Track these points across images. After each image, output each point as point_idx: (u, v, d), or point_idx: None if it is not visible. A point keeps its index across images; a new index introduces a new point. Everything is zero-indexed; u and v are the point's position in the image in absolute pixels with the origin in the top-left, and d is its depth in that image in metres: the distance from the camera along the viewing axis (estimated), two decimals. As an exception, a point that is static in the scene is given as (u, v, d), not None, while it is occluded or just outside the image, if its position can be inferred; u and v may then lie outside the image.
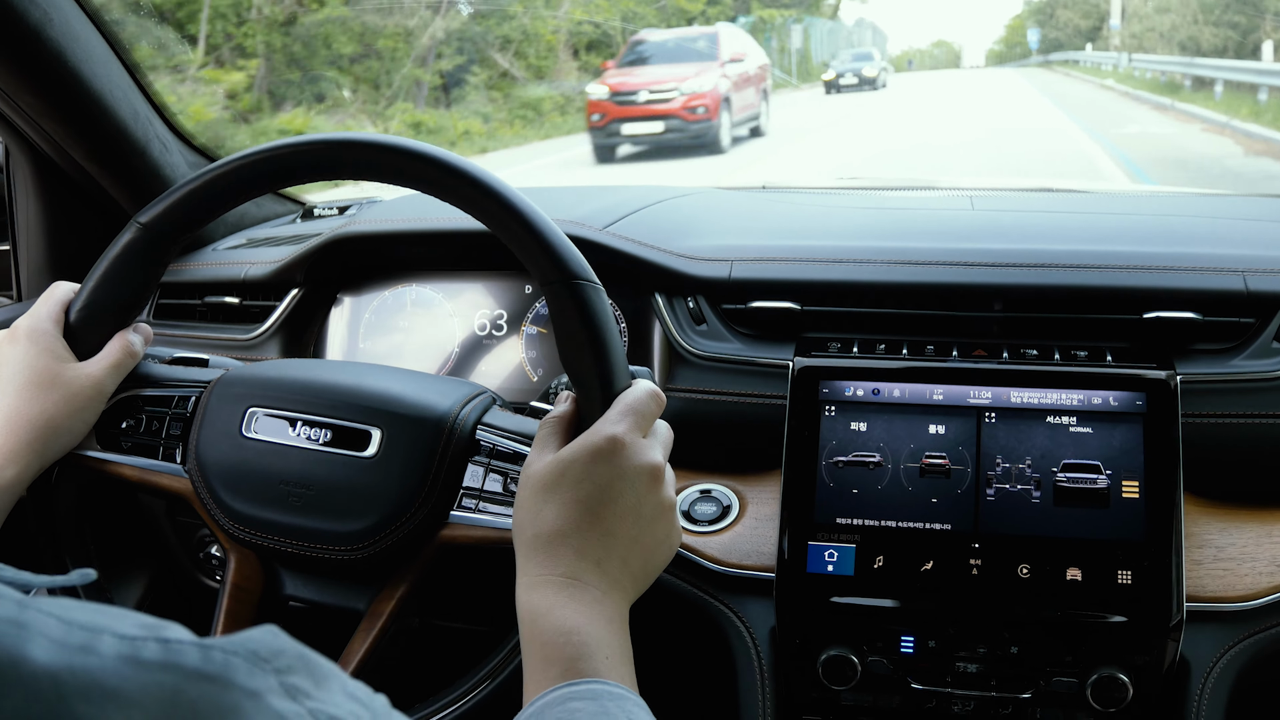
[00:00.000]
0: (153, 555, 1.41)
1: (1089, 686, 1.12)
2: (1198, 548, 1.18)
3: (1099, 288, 1.28)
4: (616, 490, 0.87)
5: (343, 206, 1.83)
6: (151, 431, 1.12)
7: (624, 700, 0.79)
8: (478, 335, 1.53)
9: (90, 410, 1.07)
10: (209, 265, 1.66)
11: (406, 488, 1.04)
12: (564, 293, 0.94)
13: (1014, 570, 1.14)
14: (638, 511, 0.88)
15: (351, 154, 1.00)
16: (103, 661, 0.36)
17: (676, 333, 1.37)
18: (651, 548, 0.91)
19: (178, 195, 1.03)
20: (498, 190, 0.96)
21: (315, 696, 0.42)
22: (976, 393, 1.21)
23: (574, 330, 0.94)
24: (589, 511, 0.87)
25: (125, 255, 1.06)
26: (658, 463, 0.90)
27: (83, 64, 1.46)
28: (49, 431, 1.02)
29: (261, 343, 1.55)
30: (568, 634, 0.82)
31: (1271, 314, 1.25)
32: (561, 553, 0.86)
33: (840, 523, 1.18)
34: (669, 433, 0.95)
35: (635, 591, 0.91)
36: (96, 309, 1.07)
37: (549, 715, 0.77)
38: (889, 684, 1.18)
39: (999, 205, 1.72)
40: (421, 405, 1.07)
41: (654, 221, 1.50)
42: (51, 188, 1.66)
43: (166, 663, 0.38)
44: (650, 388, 0.94)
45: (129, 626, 0.39)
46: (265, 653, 0.41)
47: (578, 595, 0.84)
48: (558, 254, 0.95)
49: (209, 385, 1.12)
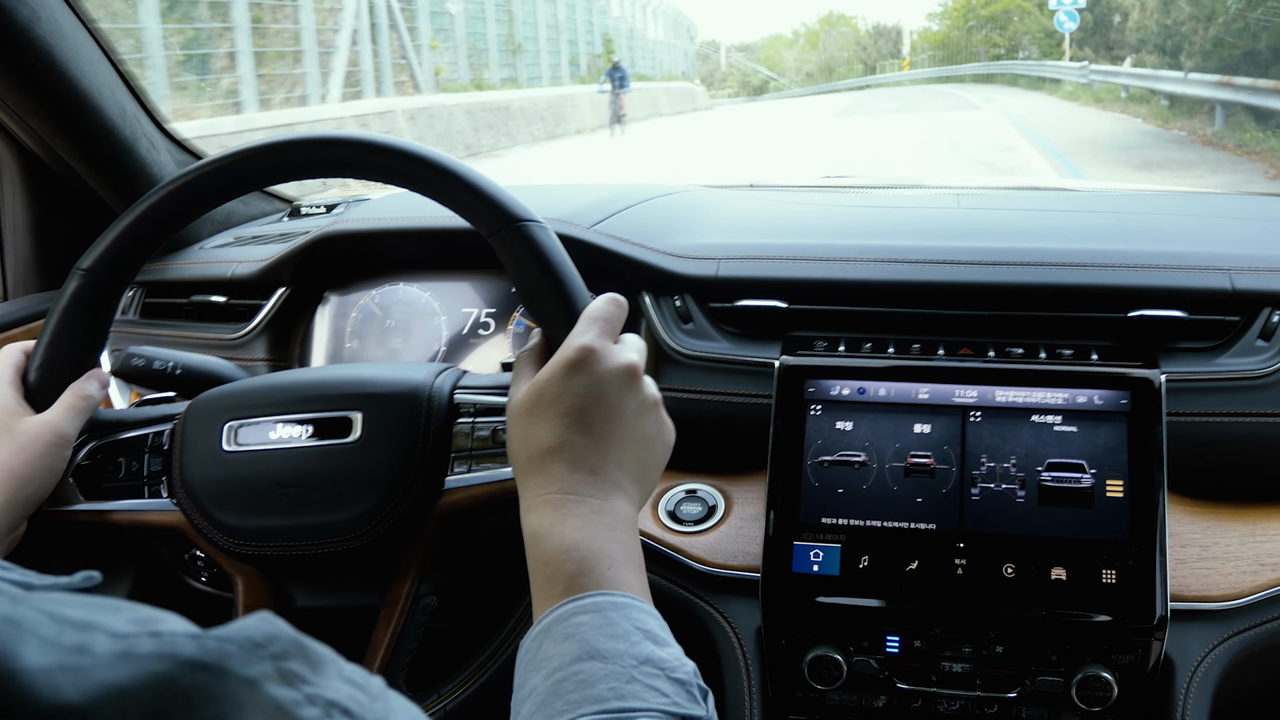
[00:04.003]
0: (136, 556, 1.41)
1: (1074, 686, 1.12)
2: (1182, 547, 1.18)
3: (1084, 286, 1.28)
4: (596, 395, 0.87)
5: (330, 205, 1.83)
6: (132, 473, 1.10)
7: (628, 608, 0.78)
8: (464, 333, 1.53)
9: (52, 456, 1.04)
10: (195, 264, 1.66)
11: (396, 464, 1.04)
12: (510, 237, 0.95)
13: (999, 570, 1.14)
14: (622, 411, 0.88)
15: (277, 157, 1.01)
16: (96, 661, 0.36)
17: (663, 331, 1.37)
18: (644, 445, 0.91)
19: (114, 234, 1.03)
20: (425, 156, 0.97)
21: (312, 682, 0.41)
22: (962, 391, 1.21)
23: (528, 270, 0.95)
24: (574, 422, 0.87)
25: (73, 306, 1.04)
26: (632, 361, 0.90)
27: (71, 62, 1.46)
28: (10, 481, 1.00)
29: (248, 341, 1.55)
30: (567, 551, 0.82)
31: (1257, 312, 1.25)
32: (555, 469, 0.86)
33: (825, 522, 1.18)
34: (639, 340, 0.95)
35: (639, 492, 0.90)
36: (53, 365, 1.06)
37: (555, 632, 0.77)
38: (875, 684, 1.18)
39: (985, 203, 1.72)
40: (396, 382, 1.07)
41: (641, 220, 1.50)
42: (38, 186, 1.65)
43: (161, 654, 0.37)
44: (609, 295, 0.95)
45: (122, 623, 0.38)
46: (260, 639, 0.41)
47: (575, 510, 0.84)
48: (496, 202, 0.96)
49: (181, 414, 1.11)
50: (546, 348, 0.95)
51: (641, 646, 0.76)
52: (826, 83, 79.86)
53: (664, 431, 0.94)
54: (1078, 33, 37.56)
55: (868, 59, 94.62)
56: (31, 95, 1.46)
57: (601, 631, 0.76)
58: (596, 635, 0.76)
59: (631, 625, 0.77)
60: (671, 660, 0.76)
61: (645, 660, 0.75)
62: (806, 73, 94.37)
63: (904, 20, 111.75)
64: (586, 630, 0.76)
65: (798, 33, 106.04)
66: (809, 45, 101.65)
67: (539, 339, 0.96)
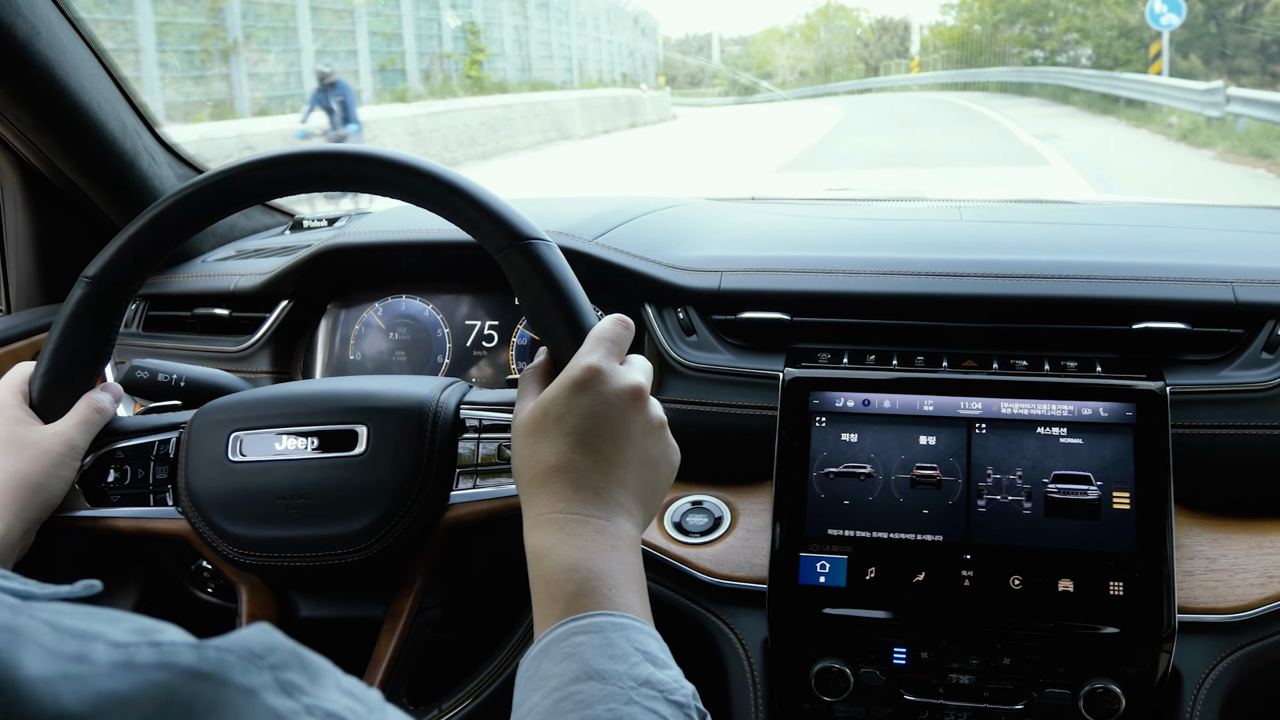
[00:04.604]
0: (143, 567, 1.40)
1: (1081, 698, 1.12)
2: (1189, 559, 1.18)
3: (1088, 298, 1.28)
4: (601, 415, 0.87)
5: (332, 218, 1.83)
6: (138, 480, 1.10)
7: (628, 629, 0.78)
8: (467, 347, 1.53)
9: (65, 466, 1.05)
10: (198, 277, 1.66)
11: (401, 477, 1.03)
12: (516, 255, 0.95)
13: (1006, 581, 1.13)
14: (627, 432, 0.88)
15: (284, 170, 1.01)
16: (96, 669, 0.36)
17: (667, 344, 1.36)
18: (649, 466, 0.90)
19: (120, 242, 1.03)
20: (433, 172, 0.97)
21: (310, 692, 0.42)
22: (967, 403, 1.21)
23: (535, 288, 0.95)
24: (579, 442, 0.86)
25: (78, 313, 1.04)
26: (638, 382, 0.90)
27: (71, 77, 1.46)
28: (24, 489, 1.01)
29: (251, 354, 1.54)
30: (569, 571, 0.81)
31: (1261, 324, 1.26)
32: (559, 488, 0.86)
33: (832, 534, 1.18)
34: (645, 361, 0.95)
35: (643, 513, 0.90)
36: (58, 375, 1.06)
37: (554, 651, 0.77)
38: (882, 695, 1.17)
39: (988, 216, 1.72)
40: (402, 396, 1.07)
41: (644, 232, 1.50)
42: (40, 200, 1.65)
43: (161, 663, 0.38)
44: (616, 316, 0.94)
45: (122, 633, 0.39)
46: (259, 650, 0.41)
47: (578, 530, 0.84)
48: (503, 219, 0.96)
49: (187, 423, 1.11)
50: (552, 366, 0.95)
51: (641, 668, 0.76)
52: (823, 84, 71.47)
53: (669, 453, 0.94)
54: (1179, 31, 23.84)
55: (870, 57, 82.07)
56: (32, 110, 1.46)
57: (601, 652, 0.76)
58: (596, 656, 0.76)
59: (631, 646, 0.77)
60: (670, 682, 0.76)
61: (644, 682, 0.75)
62: (801, 71, 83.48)
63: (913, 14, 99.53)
64: (586, 650, 0.76)
65: (793, 26, 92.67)
66: (804, 40, 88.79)
67: (545, 357, 0.96)
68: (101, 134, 1.55)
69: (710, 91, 68.57)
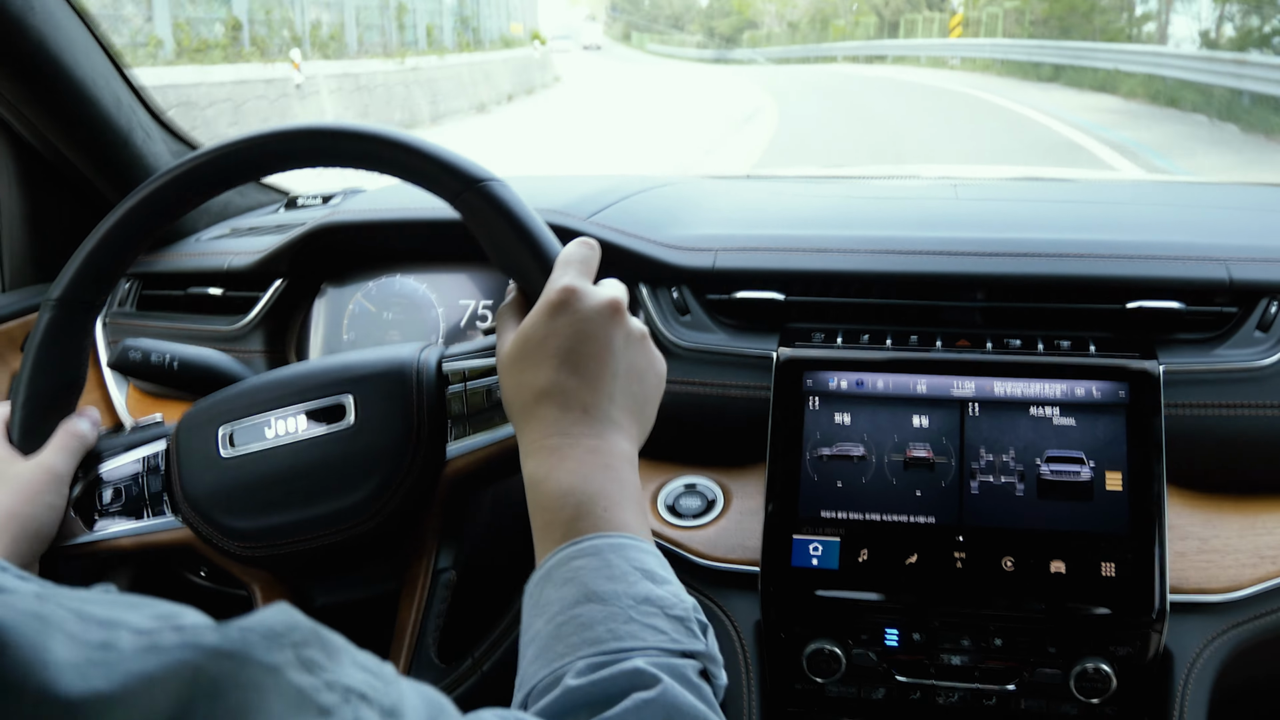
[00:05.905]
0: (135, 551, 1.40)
1: (1073, 678, 1.12)
2: (1181, 539, 1.18)
3: (1082, 277, 1.28)
4: (583, 333, 0.88)
5: (326, 196, 1.83)
6: (133, 497, 1.10)
7: (626, 549, 0.79)
8: (461, 325, 1.52)
9: (51, 494, 1.04)
10: (192, 255, 1.65)
11: (395, 441, 1.04)
12: (473, 198, 0.96)
13: (998, 563, 1.14)
14: (610, 346, 0.89)
15: (236, 157, 1.01)
16: (122, 655, 0.37)
17: (660, 324, 1.36)
18: (636, 378, 0.91)
19: (80, 260, 1.02)
20: (376, 133, 0.98)
21: (329, 669, 0.43)
22: (960, 384, 1.21)
23: (496, 227, 0.96)
24: (563, 362, 0.87)
25: (48, 339, 1.04)
26: (615, 296, 0.90)
27: (65, 52, 1.45)
28: (12, 523, 1.00)
29: (246, 334, 1.54)
30: (564, 495, 0.82)
31: (1254, 303, 1.25)
32: (547, 412, 0.86)
33: (825, 516, 1.18)
34: (618, 281, 0.95)
35: (637, 427, 0.91)
36: (33, 408, 1.05)
37: (555, 576, 0.78)
38: (874, 676, 1.18)
39: (983, 194, 1.71)
40: (383, 360, 1.08)
41: (638, 211, 1.49)
42: (34, 177, 1.65)
43: (186, 644, 0.39)
44: (579, 239, 0.95)
45: (145, 619, 0.40)
46: (280, 629, 0.42)
47: (570, 453, 0.84)
48: (454, 166, 0.97)
49: (174, 430, 1.11)
50: (524, 300, 0.95)
51: (639, 586, 0.77)
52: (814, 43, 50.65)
53: (655, 363, 0.94)
54: None
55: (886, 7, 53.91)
56: (26, 85, 1.45)
57: (599, 574, 0.77)
58: (594, 578, 0.77)
59: (629, 565, 0.78)
60: (669, 597, 0.77)
61: (643, 599, 0.76)
62: (790, 22, 63.45)
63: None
64: (585, 574, 0.77)
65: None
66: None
67: (516, 293, 0.97)
68: (96, 109, 1.54)
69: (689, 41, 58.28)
